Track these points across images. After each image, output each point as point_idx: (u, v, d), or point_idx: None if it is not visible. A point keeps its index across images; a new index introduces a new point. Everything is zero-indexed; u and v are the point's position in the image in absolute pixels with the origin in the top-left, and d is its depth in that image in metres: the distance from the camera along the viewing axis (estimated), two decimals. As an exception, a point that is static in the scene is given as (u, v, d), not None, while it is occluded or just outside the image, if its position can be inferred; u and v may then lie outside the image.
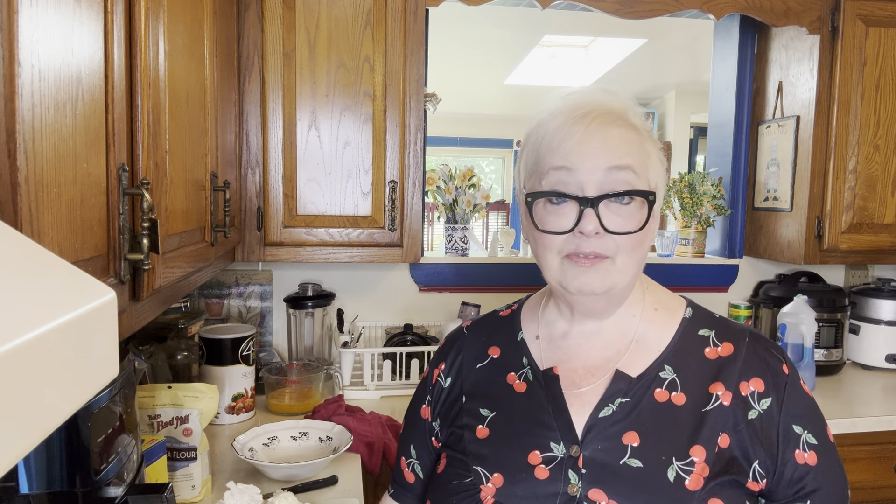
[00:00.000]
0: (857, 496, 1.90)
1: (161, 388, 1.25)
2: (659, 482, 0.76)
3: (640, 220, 0.80)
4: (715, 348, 0.84)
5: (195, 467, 1.26)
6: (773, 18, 2.04)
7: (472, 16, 3.43)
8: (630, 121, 0.82)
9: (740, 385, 0.81)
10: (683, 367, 0.83)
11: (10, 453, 0.31)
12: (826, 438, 0.83)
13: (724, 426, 0.79)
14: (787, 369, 0.83)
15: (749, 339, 0.85)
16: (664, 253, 2.46)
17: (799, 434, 0.81)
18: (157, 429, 1.24)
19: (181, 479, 1.26)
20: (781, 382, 0.82)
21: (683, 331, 0.86)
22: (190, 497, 1.27)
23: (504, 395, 0.88)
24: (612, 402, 0.81)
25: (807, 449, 0.80)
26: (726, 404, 0.80)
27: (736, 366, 0.82)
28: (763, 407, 0.80)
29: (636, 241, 0.81)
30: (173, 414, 1.24)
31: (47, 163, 0.58)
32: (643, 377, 0.82)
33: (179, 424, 1.24)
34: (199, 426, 1.26)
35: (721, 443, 0.78)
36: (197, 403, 1.25)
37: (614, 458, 0.78)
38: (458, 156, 7.33)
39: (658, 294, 0.91)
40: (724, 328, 0.87)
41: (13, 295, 0.35)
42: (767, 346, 0.85)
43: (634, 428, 0.80)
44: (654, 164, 0.83)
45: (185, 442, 1.25)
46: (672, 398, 0.81)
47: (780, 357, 0.85)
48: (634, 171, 0.79)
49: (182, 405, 1.24)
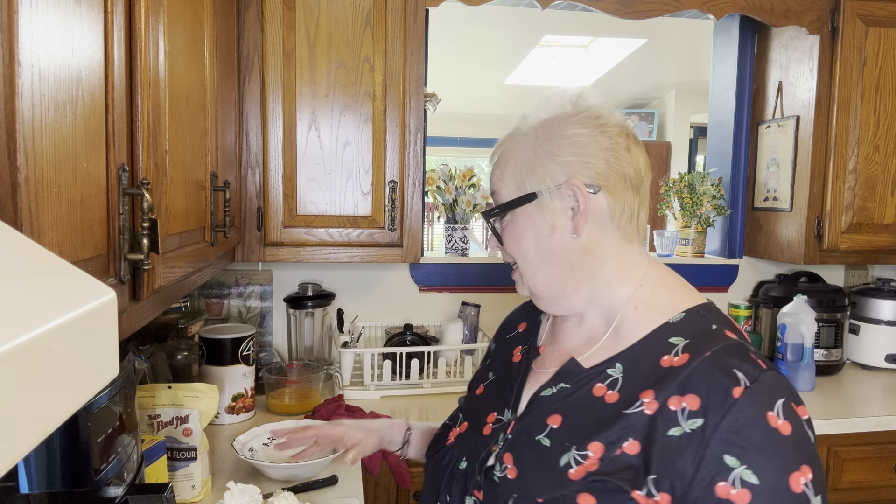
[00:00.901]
0: (857, 496, 1.90)
1: (161, 388, 1.25)
2: (551, 463, 0.79)
3: (503, 232, 0.90)
4: (673, 357, 0.78)
5: (195, 467, 1.26)
6: (773, 18, 2.04)
7: (472, 16, 3.43)
8: (511, 139, 0.90)
9: (671, 399, 0.74)
10: (633, 368, 0.80)
11: (10, 453, 0.31)
12: (781, 483, 0.69)
13: (637, 433, 0.75)
14: (738, 394, 0.71)
15: (711, 355, 0.76)
16: (664, 253, 2.46)
17: (731, 466, 0.69)
18: (157, 429, 1.24)
19: (181, 479, 1.26)
20: (723, 405, 0.71)
21: (655, 334, 0.82)
22: (190, 497, 1.27)
23: (505, 364, 1.00)
24: (554, 385, 0.86)
25: (738, 486, 0.69)
26: (648, 413, 0.75)
27: (678, 379, 0.75)
28: (690, 427, 0.72)
29: (524, 253, 0.88)
30: (173, 414, 1.24)
31: (47, 163, 0.58)
32: (593, 370, 0.84)
33: (179, 424, 1.24)
34: (199, 426, 1.26)
35: (627, 448, 0.75)
36: (197, 403, 1.25)
37: (533, 433, 0.84)
38: (458, 156, 7.33)
39: (651, 293, 0.86)
40: (700, 341, 0.78)
41: (13, 295, 0.35)
42: (729, 367, 0.74)
43: (561, 412, 0.83)
44: (510, 173, 0.88)
45: (185, 442, 1.25)
46: (606, 395, 0.80)
47: (743, 380, 0.72)
48: (500, 193, 0.90)
49: (182, 405, 1.24)
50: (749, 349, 0.77)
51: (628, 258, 0.86)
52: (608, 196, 0.84)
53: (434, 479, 0.94)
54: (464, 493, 0.87)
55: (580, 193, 0.83)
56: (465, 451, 0.91)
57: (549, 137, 0.85)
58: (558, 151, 0.84)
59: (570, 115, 0.86)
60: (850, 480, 1.88)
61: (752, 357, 0.76)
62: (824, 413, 1.87)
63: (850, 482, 1.88)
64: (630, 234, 0.87)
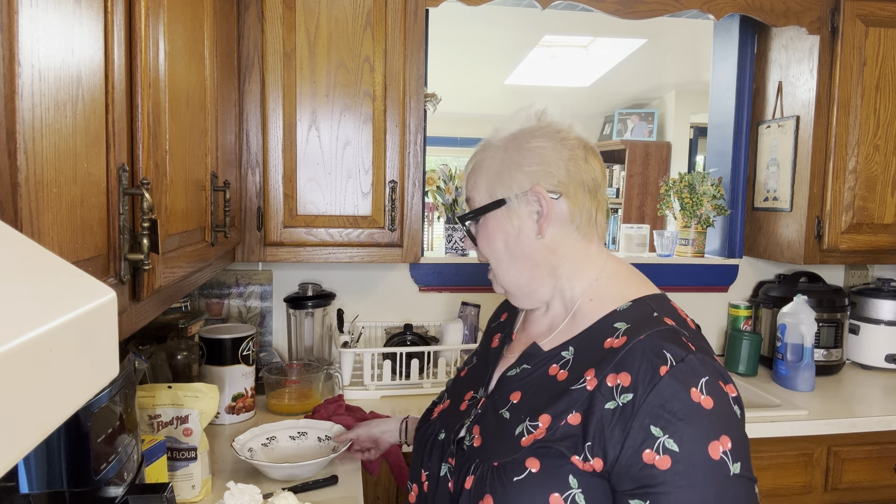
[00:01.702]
0: (857, 496, 1.90)
1: (161, 387, 1.25)
2: (507, 432, 0.90)
3: (476, 235, 1.00)
4: (614, 340, 0.88)
5: (195, 467, 1.26)
6: (773, 18, 2.04)
7: (472, 16, 3.43)
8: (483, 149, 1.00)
9: (608, 376, 0.84)
10: (583, 351, 0.91)
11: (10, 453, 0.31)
12: (700, 451, 0.77)
13: (580, 406, 0.85)
14: (664, 372, 0.80)
15: (645, 338, 0.84)
16: (664, 253, 2.46)
17: (655, 435, 0.78)
18: (157, 429, 1.24)
19: (181, 479, 1.26)
20: (651, 381, 0.80)
21: (603, 320, 0.92)
22: (190, 497, 1.27)
23: (485, 349, 1.12)
24: (518, 367, 0.97)
25: (661, 452, 0.77)
26: (589, 389, 0.85)
27: (614, 358, 0.85)
28: (623, 401, 0.81)
29: (496, 254, 0.98)
30: (173, 414, 1.24)
31: (47, 163, 0.58)
32: (550, 353, 0.94)
33: (179, 424, 1.24)
34: (199, 426, 1.26)
35: (570, 419, 0.85)
36: (197, 403, 1.25)
37: (497, 408, 0.95)
38: (458, 156, 7.33)
39: (605, 287, 0.96)
40: (638, 326, 0.87)
41: (13, 295, 0.35)
42: (660, 348, 0.82)
43: (521, 389, 0.94)
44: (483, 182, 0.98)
45: (185, 442, 1.25)
46: (558, 375, 0.91)
47: (670, 360, 0.81)
48: (473, 200, 1.00)
49: (182, 405, 1.24)
50: (682, 334, 0.86)
51: (586, 255, 0.97)
52: (568, 201, 0.94)
53: (419, 449, 1.06)
54: (440, 461, 1.00)
55: (544, 199, 0.93)
56: (445, 425, 1.03)
57: (517, 149, 0.96)
58: (524, 162, 0.95)
59: (534, 128, 0.97)
60: (850, 480, 1.88)
61: (683, 341, 0.85)
62: (824, 413, 1.87)
63: (850, 482, 1.88)
64: (589, 234, 0.97)
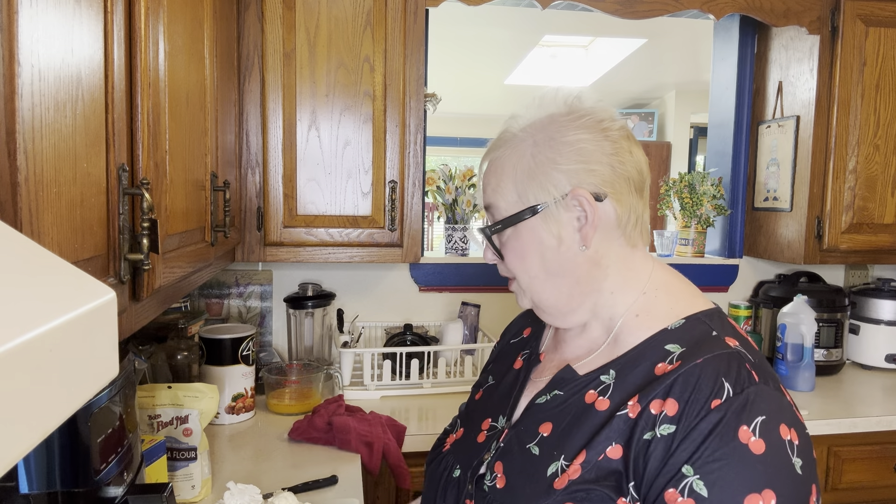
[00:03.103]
0: (857, 496, 1.90)
1: (161, 388, 1.25)
2: (538, 472, 0.77)
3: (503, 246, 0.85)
4: (667, 365, 0.75)
5: (195, 467, 1.26)
6: (773, 18, 2.04)
7: (472, 16, 3.43)
8: (507, 137, 0.85)
9: (653, 402, 0.72)
10: (626, 375, 0.78)
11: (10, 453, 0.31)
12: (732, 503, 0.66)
13: (620, 437, 0.73)
14: (716, 405, 0.69)
15: (703, 362, 0.73)
16: (664, 253, 2.46)
17: (685, 474, 0.67)
18: (157, 429, 1.24)
19: (181, 479, 1.26)
20: (698, 414, 0.69)
21: (652, 341, 0.79)
22: (190, 497, 1.27)
23: (506, 369, 0.97)
24: (548, 393, 0.84)
25: (685, 494, 0.66)
26: (631, 416, 0.73)
27: (665, 383, 0.73)
28: (662, 432, 0.70)
29: (526, 267, 0.84)
30: (173, 414, 1.24)
31: (47, 163, 0.58)
32: (586, 377, 0.81)
33: (179, 424, 1.24)
34: (199, 426, 1.26)
35: (611, 453, 0.73)
36: (197, 403, 1.25)
37: (524, 441, 0.81)
38: (458, 156, 7.33)
39: (654, 301, 0.83)
40: (697, 348, 0.75)
41: (13, 295, 0.35)
42: (718, 375, 0.71)
43: (552, 420, 0.81)
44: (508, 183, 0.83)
45: (185, 442, 1.25)
46: (597, 402, 0.78)
47: (727, 391, 0.69)
48: (497, 206, 0.84)
49: (182, 405, 1.24)
50: (746, 360, 0.73)
51: (633, 265, 0.84)
52: (614, 203, 0.80)
53: (431, 488, 0.93)
54: (457, 502, 0.86)
55: (587, 203, 0.79)
56: (460, 459, 0.90)
57: (550, 143, 0.80)
58: (561, 159, 0.79)
59: (570, 118, 0.81)
60: (850, 480, 1.88)
61: (747, 368, 0.72)
62: (824, 413, 1.87)
63: (850, 482, 1.88)
64: (634, 239, 0.84)
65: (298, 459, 1.52)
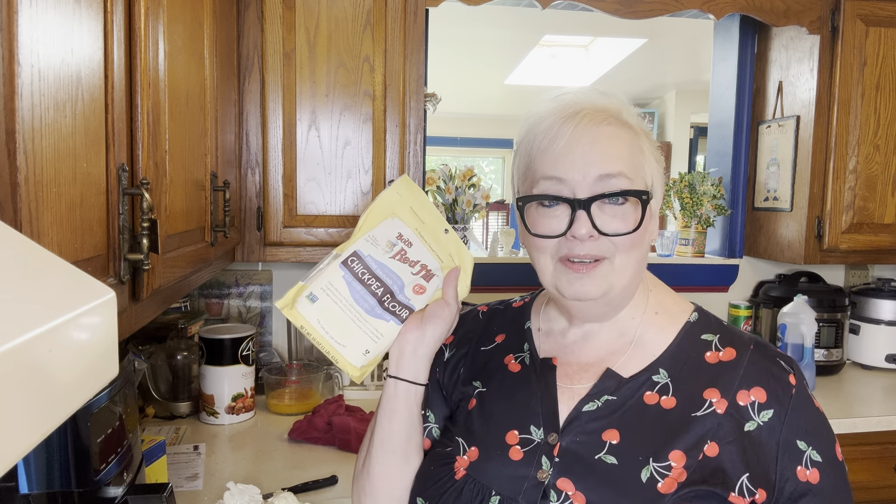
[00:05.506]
0: (857, 496, 1.89)
1: (439, 230, 0.93)
2: (631, 480, 0.75)
3: (635, 219, 0.78)
4: (717, 353, 0.81)
5: (390, 329, 0.90)
6: (773, 18, 2.04)
7: (472, 16, 3.43)
8: (622, 118, 0.80)
9: (739, 394, 0.77)
10: (679, 370, 0.80)
11: (10, 452, 0.31)
12: (833, 457, 0.78)
13: (714, 435, 0.75)
14: (794, 380, 0.78)
15: (754, 347, 0.81)
16: (664, 253, 2.46)
17: (803, 450, 0.76)
18: (399, 256, 0.91)
19: (366, 340, 0.88)
20: (787, 394, 0.77)
21: (685, 334, 0.83)
22: (358, 364, 0.90)
23: (497, 372, 0.89)
24: (597, 399, 0.80)
25: (810, 466, 0.76)
26: (720, 412, 0.76)
27: (736, 373, 0.78)
28: (764, 419, 0.76)
29: (633, 241, 0.79)
30: (426, 261, 0.92)
31: (47, 163, 0.58)
32: (635, 378, 0.80)
33: (420, 272, 0.92)
34: (432, 292, 0.92)
35: (708, 451, 0.75)
36: (451, 263, 0.93)
37: (591, 452, 0.77)
38: (458, 156, 7.33)
39: (662, 297, 0.87)
40: (728, 334, 0.83)
41: (13, 295, 0.35)
42: (774, 356, 0.80)
43: (616, 426, 0.78)
44: (650, 162, 0.82)
45: (407, 297, 0.91)
46: (661, 402, 0.78)
47: (788, 368, 0.79)
48: (627, 176, 0.78)
49: (442, 262, 0.93)
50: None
51: None
52: (655, 199, 0.84)
53: None
54: None
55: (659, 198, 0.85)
56: (495, 484, 0.79)
57: (648, 136, 0.84)
58: (654, 151, 0.84)
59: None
60: (850, 480, 1.86)
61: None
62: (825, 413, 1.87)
63: (850, 482, 1.88)
64: None
65: (298, 459, 1.52)
